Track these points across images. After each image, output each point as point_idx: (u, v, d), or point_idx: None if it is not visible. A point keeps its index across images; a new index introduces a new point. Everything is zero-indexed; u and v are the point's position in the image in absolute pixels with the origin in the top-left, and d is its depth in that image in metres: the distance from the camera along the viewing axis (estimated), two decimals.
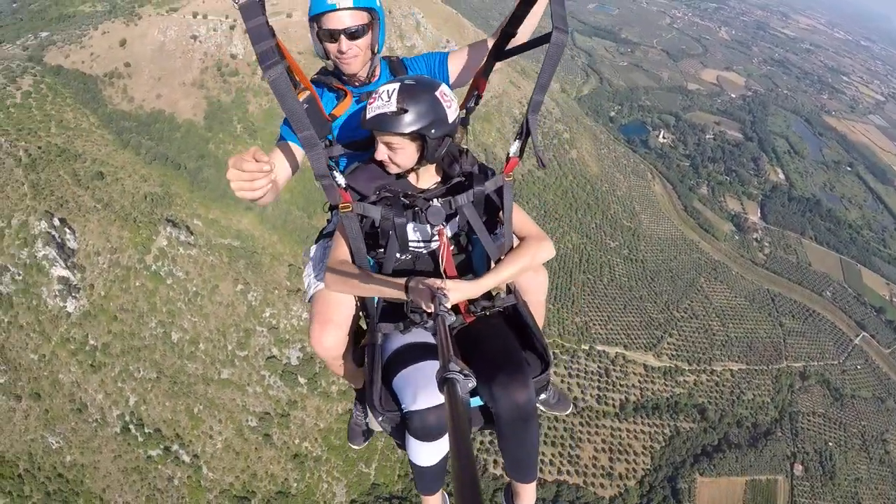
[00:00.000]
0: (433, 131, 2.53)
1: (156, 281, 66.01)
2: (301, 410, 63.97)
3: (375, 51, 3.00)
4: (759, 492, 67.19)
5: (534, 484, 2.90)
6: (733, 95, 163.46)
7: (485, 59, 3.11)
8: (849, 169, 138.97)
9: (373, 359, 2.76)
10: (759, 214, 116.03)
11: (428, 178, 2.87)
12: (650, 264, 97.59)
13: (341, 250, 2.74)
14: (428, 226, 2.72)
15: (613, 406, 73.20)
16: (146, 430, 59.70)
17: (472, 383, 1.35)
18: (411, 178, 2.86)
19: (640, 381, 76.54)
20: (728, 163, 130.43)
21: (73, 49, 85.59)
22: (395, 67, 3.22)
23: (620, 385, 75.61)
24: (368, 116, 2.54)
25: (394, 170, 2.74)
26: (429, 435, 2.49)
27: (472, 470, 0.85)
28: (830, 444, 73.04)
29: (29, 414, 57.41)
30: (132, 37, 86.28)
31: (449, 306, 2.15)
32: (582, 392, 73.84)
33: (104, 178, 70.92)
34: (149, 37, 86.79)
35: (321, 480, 61.57)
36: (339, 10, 2.75)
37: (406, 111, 2.46)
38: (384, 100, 2.49)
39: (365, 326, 3.09)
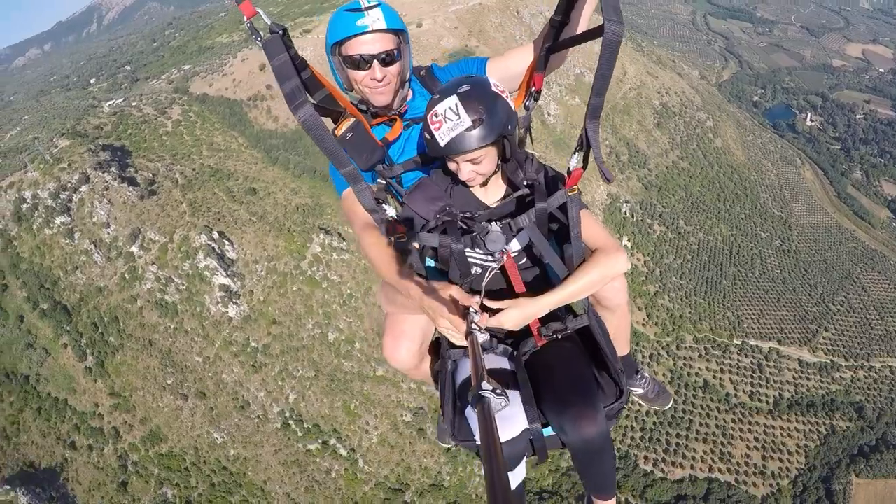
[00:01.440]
0: (509, 128, 2.54)
1: (312, 285, 72.50)
2: None
3: (406, 78, 2.97)
4: None
5: (613, 500, 3.06)
6: (882, 70, 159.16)
7: (530, 60, 3.01)
8: None
9: (444, 388, 2.89)
10: None
11: (496, 188, 2.87)
12: (803, 255, 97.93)
13: None
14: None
15: (767, 402, 74.35)
16: (305, 426, 65.13)
17: (504, 402, 1.41)
18: (478, 192, 2.85)
19: (794, 377, 77.34)
20: (882, 144, 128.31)
21: (216, 77, 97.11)
22: (427, 81, 3.18)
23: (774, 381, 76.76)
24: (445, 142, 2.48)
25: (479, 181, 2.70)
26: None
27: (505, 488, 0.89)
28: None
29: (195, 412, 63.93)
30: None
31: (483, 325, 2.20)
32: (734, 388, 75.56)
33: (257, 192, 79.32)
34: None
35: (473, 474, 65.34)
36: (370, 32, 2.69)
37: (483, 120, 2.44)
38: (453, 119, 2.45)
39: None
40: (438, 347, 3.21)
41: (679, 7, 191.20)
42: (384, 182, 2.94)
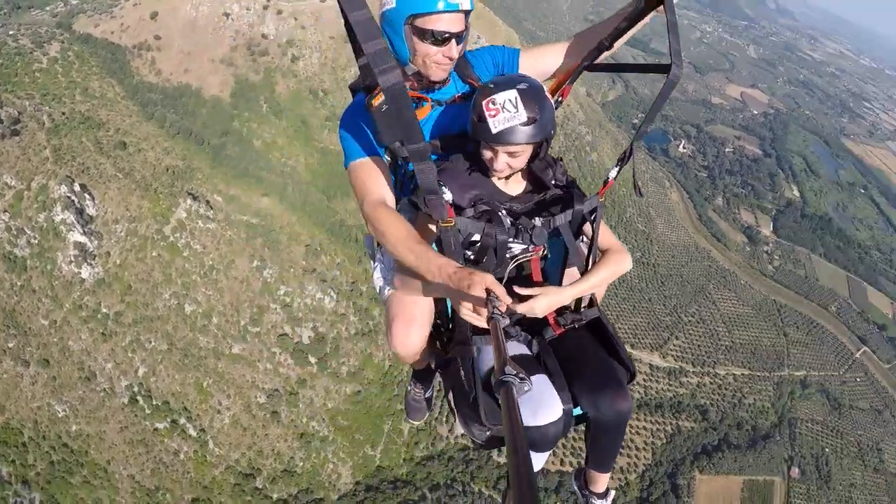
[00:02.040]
0: (552, 132, 2.68)
1: (172, 252, 68.05)
2: (310, 389, 65.66)
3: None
4: (756, 491, 70.24)
5: (608, 475, 3.27)
6: (755, 112, 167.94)
7: (559, 64, 3.27)
8: (863, 191, 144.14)
9: (473, 374, 2.79)
10: (771, 228, 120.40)
11: (516, 183, 2.97)
12: (662, 269, 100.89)
13: None
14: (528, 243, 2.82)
15: None
16: (154, 402, 61.01)
17: (527, 387, 1.42)
18: (499, 182, 2.93)
19: (644, 380, 79.13)
20: (745, 176, 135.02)
21: (104, 19, 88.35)
22: (459, 63, 3.05)
23: None
24: (497, 130, 2.54)
25: (507, 174, 2.82)
26: (545, 445, 2.72)
27: (529, 470, 0.94)
28: (827, 450, 76.64)
29: (36, 380, 58.52)
30: (164, 10, 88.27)
31: (504, 310, 2.13)
32: None
33: (126, 147, 73.13)
34: (181, 11, 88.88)
35: (327, 461, 63.38)
36: (459, 11, 2.63)
37: (536, 119, 2.55)
38: (510, 111, 2.53)
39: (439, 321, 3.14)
40: (434, 334, 3.19)
41: (580, 26, 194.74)
42: (388, 160, 2.95)
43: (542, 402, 2.67)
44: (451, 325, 3.11)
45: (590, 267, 3.01)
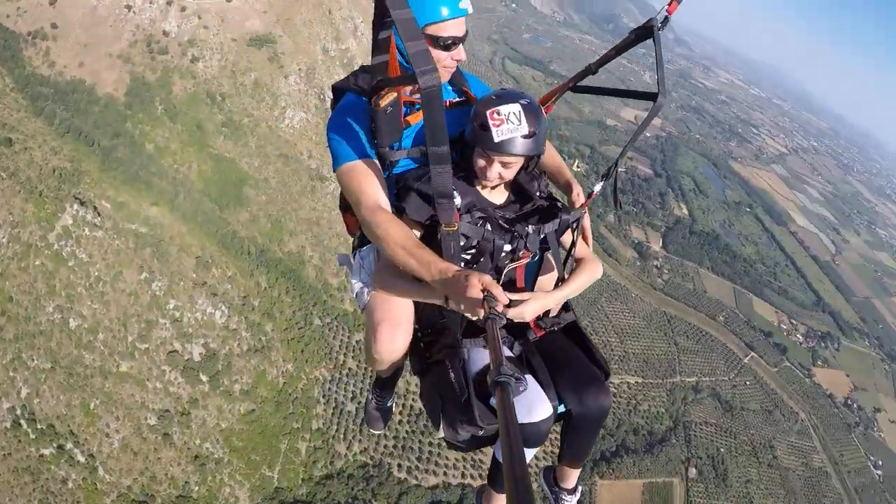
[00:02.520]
0: (543, 148, 2.73)
1: (57, 261, 62.75)
2: (202, 409, 61.75)
3: None
4: (657, 493, 71.52)
5: (580, 468, 3.32)
6: (648, 135, 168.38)
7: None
8: (748, 210, 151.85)
9: (465, 375, 2.78)
10: (660, 244, 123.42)
11: (499, 192, 3.00)
12: None
13: None
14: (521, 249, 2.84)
15: None
16: (38, 426, 56.12)
17: (522, 386, 1.49)
18: (483, 190, 2.96)
19: None
20: (636, 195, 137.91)
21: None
22: (453, 73, 3.04)
23: None
24: (499, 139, 2.57)
25: (496, 183, 2.85)
26: (538, 441, 2.71)
27: (524, 467, 0.96)
28: (722, 450, 79.23)
29: None
30: None
31: (500, 310, 2.09)
32: None
33: (12, 144, 67.16)
34: None
35: (223, 484, 59.47)
36: (466, 15, 2.64)
37: (535, 134, 2.60)
38: (514, 122, 2.56)
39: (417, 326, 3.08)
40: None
41: (483, 46, 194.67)
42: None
43: (534, 400, 2.68)
44: (430, 330, 3.04)
45: (565, 273, 3.10)
